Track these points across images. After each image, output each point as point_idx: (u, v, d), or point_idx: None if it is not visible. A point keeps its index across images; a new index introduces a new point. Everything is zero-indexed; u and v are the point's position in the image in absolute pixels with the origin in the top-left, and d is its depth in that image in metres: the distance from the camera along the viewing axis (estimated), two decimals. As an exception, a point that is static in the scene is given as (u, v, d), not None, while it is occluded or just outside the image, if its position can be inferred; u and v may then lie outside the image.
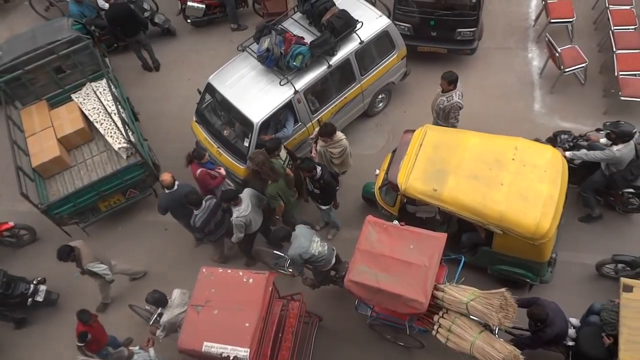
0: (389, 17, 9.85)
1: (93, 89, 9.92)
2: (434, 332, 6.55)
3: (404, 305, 6.42)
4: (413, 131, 7.91)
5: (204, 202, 7.91)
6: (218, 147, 9.08)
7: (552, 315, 6.56)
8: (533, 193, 6.94)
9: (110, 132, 9.45)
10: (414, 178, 7.34)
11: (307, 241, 7.29)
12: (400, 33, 9.67)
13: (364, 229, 6.90)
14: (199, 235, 8.63)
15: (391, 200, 8.14)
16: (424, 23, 10.17)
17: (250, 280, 6.62)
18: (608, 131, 7.75)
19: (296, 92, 8.62)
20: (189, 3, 11.77)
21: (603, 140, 8.06)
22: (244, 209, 7.80)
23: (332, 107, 9.25)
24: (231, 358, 6.19)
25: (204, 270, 6.87)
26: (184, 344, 6.43)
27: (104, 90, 9.83)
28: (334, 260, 7.65)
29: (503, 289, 6.28)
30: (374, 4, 10.46)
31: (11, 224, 9.39)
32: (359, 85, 9.39)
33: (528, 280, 7.69)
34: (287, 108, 8.72)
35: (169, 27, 11.97)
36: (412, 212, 8.07)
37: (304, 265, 7.53)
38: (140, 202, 9.84)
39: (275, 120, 8.78)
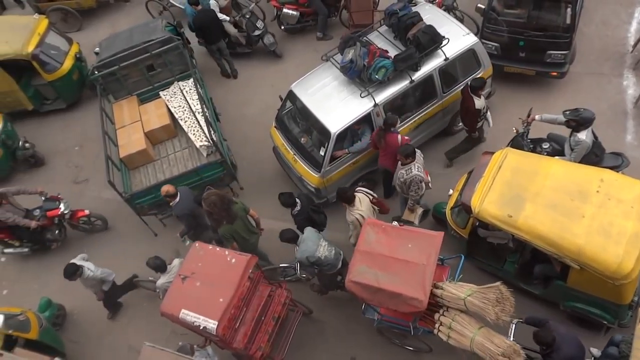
0: (476, 34, 9.67)
1: (180, 88, 10.38)
2: (435, 331, 6.59)
3: (404, 303, 6.44)
4: (492, 153, 7.70)
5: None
6: (294, 154, 9.20)
7: (559, 340, 6.23)
8: (617, 229, 6.55)
9: (193, 130, 9.82)
10: (488, 202, 7.13)
11: (314, 245, 7.37)
12: (487, 52, 9.45)
13: (363, 230, 6.98)
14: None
15: (462, 222, 7.95)
16: (513, 43, 9.89)
17: (233, 260, 6.97)
18: (568, 119, 7.85)
19: (376, 105, 8.60)
20: (285, 10, 12.04)
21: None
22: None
23: (410, 122, 9.16)
24: (201, 327, 6.61)
25: (197, 244, 7.31)
26: (165, 308, 6.90)
27: (190, 89, 10.25)
28: (339, 265, 7.65)
29: (498, 283, 6.25)
30: (461, 21, 10.31)
31: (87, 212, 9.91)
32: (440, 102, 9.25)
33: (605, 322, 7.24)
34: (366, 121, 8.70)
35: (275, 50, 12.03)
36: (483, 236, 7.86)
37: (312, 267, 7.58)
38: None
39: (353, 132, 8.80)
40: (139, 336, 8.56)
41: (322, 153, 8.74)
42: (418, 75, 8.78)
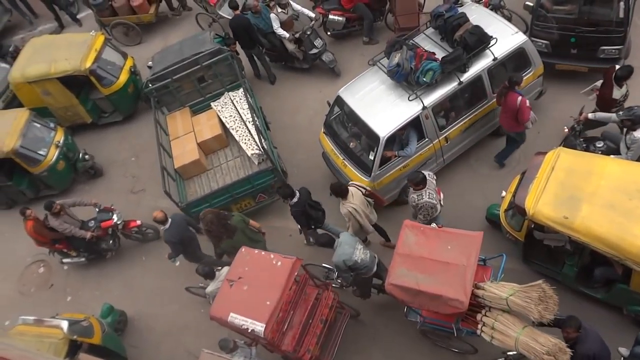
0: (525, 32, 9.49)
1: (230, 98, 10.62)
2: (478, 332, 6.54)
3: (445, 305, 6.43)
4: (545, 153, 7.54)
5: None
6: (344, 159, 9.26)
7: (584, 334, 6.11)
8: (680, 229, 6.31)
9: (245, 139, 10.04)
10: (543, 203, 6.98)
11: (350, 248, 7.41)
12: (538, 50, 9.27)
13: (402, 233, 6.98)
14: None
15: (517, 224, 7.81)
16: (563, 40, 9.66)
17: (279, 263, 7.09)
18: (622, 118, 7.70)
19: (424, 108, 8.57)
20: (330, 16, 12.13)
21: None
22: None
23: (460, 124, 9.08)
24: (249, 330, 6.73)
25: (243, 249, 7.44)
26: (214, 312, 7.07)
27: (240, 99, 10.48)
28: (375, 268, 7.67)
29: (540, 281, 6.15)
30: (509, 19, 10.14)
31: (138, 222, 10.22)
32: (490, 103, 9.13)
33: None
34: (414, 124, 8.68)
35: (334, 68, 11.91)
36: (539, 239, 7.70)
37: (349, 272, 7.63)
38: (268, 207, 10.25)
39: (401, 136, 8.79)
40: (196, 341, 8.83)
41: (371, 157, 8.76)
42: (466, 76, 8.71)
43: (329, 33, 12.51)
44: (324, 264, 8.67)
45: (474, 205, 9.14)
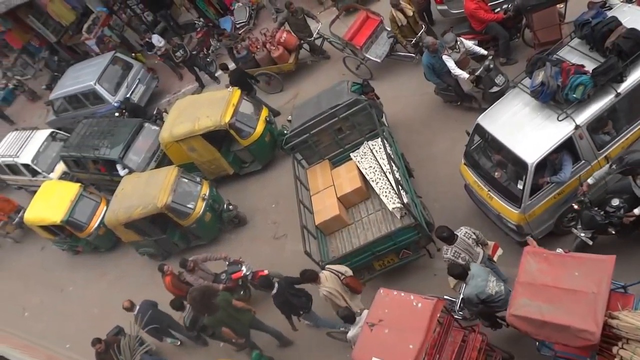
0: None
1: (370, 148, 10.21)
2: None
3: (573, 337, 6.03)
4: None
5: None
6: (489, 191, 8.61)
7: None
8: None
9: (385, 192, 9.56)
10: None
11: (483, 281, 7.17)
12: None
13: (523, 261, 6.66)
14: None
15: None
16: None
17: (419, 305, 6.84)
18: (620, 171, 7.46)
19: (577, 127, 7.72)
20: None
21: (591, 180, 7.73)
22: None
23: (622, 140, 8.04)
24: None
25: (381, 291, 7.29)
26: (356, 356, 6.96)
27: (380, 148, 9.98)
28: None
29: None
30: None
31: (266, 272, 10.09)
32: (658, 112, 7.99)
33: None
34: (567, 146, 7.85)
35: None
36: None
37: (479, 307, 7.33)
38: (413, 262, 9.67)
39: (554, 161, 7.97)
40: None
41: (520, 186, 8.04)
42: (624, 86, 7.70)
43: None
44: (445, 296, 8.03)
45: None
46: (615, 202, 7.56)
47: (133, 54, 18.39)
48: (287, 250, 11.34)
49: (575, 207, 7.85)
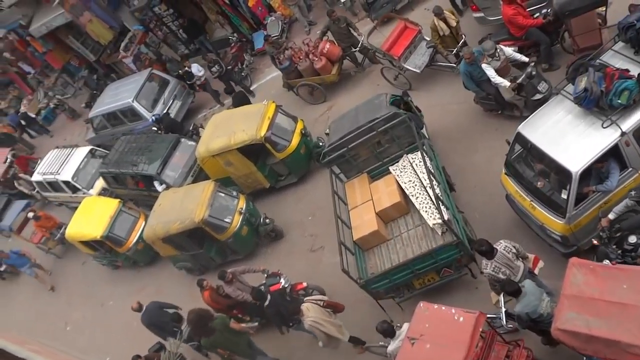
0: None
1: (409, 161, 9.99)
2: None
3: (623, 352, 5.84)
4: None
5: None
6: (531, 201, 8.39)
7: None
8: None
9: (425, 207, 9.33)
10: None
11: (536, 300, 6.98)
12: None
13: (568, 273, 6.49)
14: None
15: None
16: None
17: (461, 319, 6.73)
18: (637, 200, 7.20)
19: (623, 133, 7.46)
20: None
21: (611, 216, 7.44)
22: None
23: (675, 147, 7.72)
24: None
25: (421, 305, 7.21)
26: None
27: (420, 162, 9.70)
28: None
29: None
30: None
31: (304, 284, 10.08)
32: None
33: None
34: (613, 153, 7.59)
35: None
36: None
37: (528, 323, 7.15)
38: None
39: (600, 169, 7.72)
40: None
41: (564, 196, 7.80)
42: (673, 90, 7.42)
43: None
44: (488, 315, 7.67)
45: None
46: (633, 239, 7.21)
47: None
48: (324, 262, 11.26)
49: (595, 242, 7.59)
